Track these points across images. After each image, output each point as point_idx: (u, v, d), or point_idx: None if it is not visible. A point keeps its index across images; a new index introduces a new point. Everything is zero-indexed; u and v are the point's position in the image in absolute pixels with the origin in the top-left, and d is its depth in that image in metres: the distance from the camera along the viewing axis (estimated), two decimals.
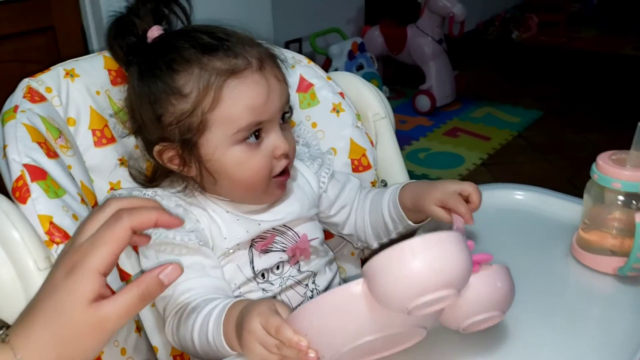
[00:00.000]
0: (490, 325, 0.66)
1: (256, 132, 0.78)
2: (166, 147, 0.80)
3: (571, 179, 2.47)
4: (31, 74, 0.87)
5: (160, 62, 0.78)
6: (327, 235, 1.00)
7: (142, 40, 0.84)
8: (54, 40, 1.77)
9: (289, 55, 1.03)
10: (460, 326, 0.65)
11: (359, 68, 3.13)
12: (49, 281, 0.58)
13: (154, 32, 0.83)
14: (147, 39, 0.83)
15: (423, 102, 3.30)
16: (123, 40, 0.86)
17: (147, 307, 0.85)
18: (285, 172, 0.83)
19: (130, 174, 0.89)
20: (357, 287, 0.57)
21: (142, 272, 0.82)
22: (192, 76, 0.76)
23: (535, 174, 2.64)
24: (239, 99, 0.76)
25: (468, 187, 0.83)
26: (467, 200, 0.82)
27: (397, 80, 3.63)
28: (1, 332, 0.58)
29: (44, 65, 0.90)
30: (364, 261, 1.09)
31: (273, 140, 0.79)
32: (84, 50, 1.85)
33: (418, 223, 0.90)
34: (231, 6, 2.17)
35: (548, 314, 0.76)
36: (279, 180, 0.82)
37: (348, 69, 3.05)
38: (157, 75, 0.78)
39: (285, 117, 0.82)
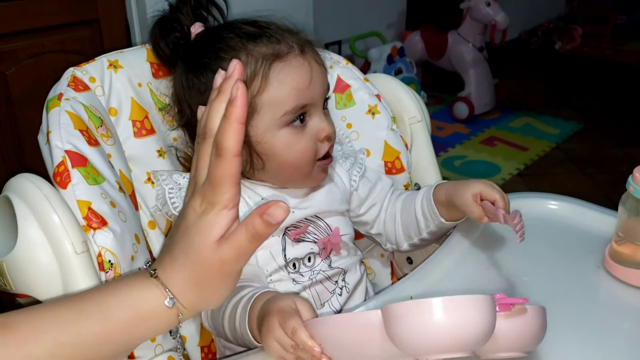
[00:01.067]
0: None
1: (301, 116, 0.81)
2: None
3: (609, 194, 2.42)
4: (75, 64, 0.90)
5: (208, 52, 0.82)
6: (357, 236, 1.00)
7: (186, 37, 0.87)
8: (99, 33, 1.81)
9: (327, 56, 1.04)
10: (480, 356, 0.62)
11: (398, 72, 3.12)
12: (182, 222, 0.56)
13: (197, 28, 0.87)
14: (191, 35, 0.87)
15: (461, 110, 3.28)
16: (168, 38, 0.89)
17: None
18: (329, 156, 0.85)
19: (179, 161, 0.93)
20: (375, 317, 0.57)
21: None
22: None
23: (572, 187, 2.60)
24: (285, 81, 0.79)
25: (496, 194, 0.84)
26: (492, 204, 0.84)
27: (436, 86, 3.61)
28: (149, 266, 0.58)
29: (87, 56, 0.93)
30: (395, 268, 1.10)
31: (317, 123, 0.82)
32: (126, 43, 1.89)
33: (450, 221, 0.90)
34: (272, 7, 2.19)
35: (577, 326, 0.75)
36: (322, 164, 0.85)
37: (386, 73, 3.03)
38: (206, 64, 0.81)
39: (325, 103, 0.85)
